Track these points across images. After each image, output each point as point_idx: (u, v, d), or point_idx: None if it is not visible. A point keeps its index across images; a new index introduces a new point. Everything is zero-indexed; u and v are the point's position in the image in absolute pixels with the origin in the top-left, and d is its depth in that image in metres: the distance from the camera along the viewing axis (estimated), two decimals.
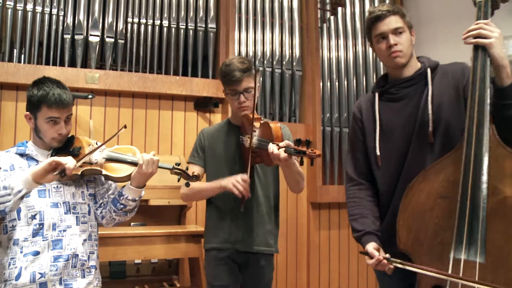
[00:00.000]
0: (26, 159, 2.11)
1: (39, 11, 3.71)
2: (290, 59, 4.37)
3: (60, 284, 2.00)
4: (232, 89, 2.49)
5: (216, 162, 2.58)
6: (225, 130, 2.65)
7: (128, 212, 2.16)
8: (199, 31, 4.07)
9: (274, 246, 2.61)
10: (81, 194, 2.13)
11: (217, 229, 2.57)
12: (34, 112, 2.07)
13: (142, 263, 3.61)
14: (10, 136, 3.59)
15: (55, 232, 2.02)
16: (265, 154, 2.32)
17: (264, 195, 2.59)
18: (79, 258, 2.04)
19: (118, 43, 3.86)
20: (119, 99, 3.86)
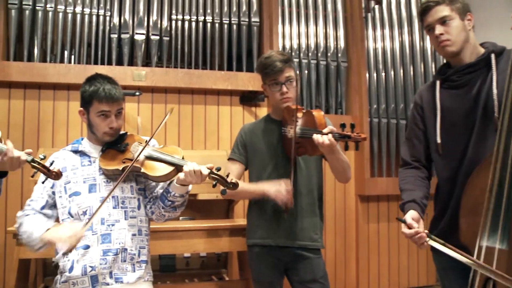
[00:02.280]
0: (79, 155, 2.17)
1: (87, 13, 3.82)
2: (335, 50, 4.31)
3: (111, 277, 2.04)
4: (273, 80, 2.47)
5: (259, 158, 2.56)
6: (266, 125, 2.63)
7: (177, 208, 2.16)
8: (242, 25, 4.08)
9: (319, 241, 2.55)
10: (130, 189, 2.16)
11: (258, 225, 2.55)
12: (87, 107, 2.14)
13: (191, 257, 3.65)
14: (63, 134, 3.71)
15: (104, 226, 2.06)
16: (309, 143, 2.28)
17: (307, 188, 2.55)
18: (128, 252, 2.07)
19: (163, 41, 3.92)
20: (165, 95, 3.92)
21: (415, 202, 2.02)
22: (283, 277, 2.60)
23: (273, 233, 2.50)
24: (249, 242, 2.61)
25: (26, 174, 3.53)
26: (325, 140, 2.11)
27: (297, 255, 2.50)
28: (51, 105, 3.73)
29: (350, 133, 2.07)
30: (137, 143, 2.17)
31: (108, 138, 2.16)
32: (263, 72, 2.51)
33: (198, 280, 3.52)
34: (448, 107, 2.06)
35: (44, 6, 3.74)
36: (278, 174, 2.51)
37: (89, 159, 2.16)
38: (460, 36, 2.01)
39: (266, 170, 2.53)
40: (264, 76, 2.53)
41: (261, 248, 2.54)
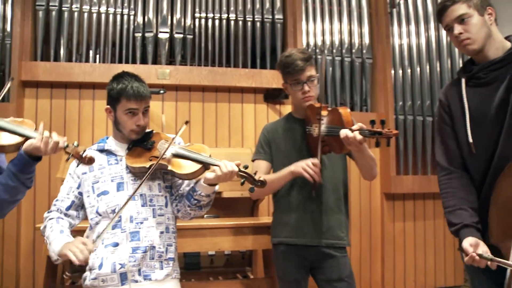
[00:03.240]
0: (105, 154, 2.18)
1: (112, 12, 3.87)
2: (359, 47, 4.26)
3: (139, 275, 2.04)
4: (295, 79, 2.44)
5: (283, 158, 2.53)
6: (289, 124, 2.60)
7: (202, 207, 2.15)
8: (266, 22, 4.07)
9: (345, 239, 2.52)
10: (157, 186, 2.16)
11: (284, 223, 2.52)
12: (114, 105, 2.13)
13: (215, 255, 3.65)
14: (88, 132, 3.76)
15: (132, 224, 2.06)
16: (335, 141, 2.25)
17: (332, 186, 2.52)
18: (156, 250, 2.08)
19: (186, 39, 3.94)
20: (189, 93, 3.93)
21: (467, 227, 1.93)
22: (308, 275, 2.57)
23: (299, 231, 2.47)
24: (274, 240, 2.59)
25: (53, 172, 3.58)
26: (355, 137, 2.08)
27: (323, 254, 2.48)
28: (77, 104, 3.78)
29: (381, 129, 2.04)
30: (163, 141, 2.17)
31: (134, 136, 2.16)
32: (284, 71, 2.48)
33: (223, 278, 3.51)
34: (476, 106, 1.99)
35: (69, 7, 3.80)
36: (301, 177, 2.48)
37: (115, 158, 2.17)
38: (481, 33, 1.95)
39: None
40: (285, 75, 2.50)
41: (287, 247, 2.51)
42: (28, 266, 3.62)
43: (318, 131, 2.33)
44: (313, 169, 2.28)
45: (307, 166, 2.29)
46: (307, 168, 2.29)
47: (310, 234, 2.46)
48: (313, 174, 2.28)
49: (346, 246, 2.54)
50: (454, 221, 1.97)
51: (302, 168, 2.30)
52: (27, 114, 3.70)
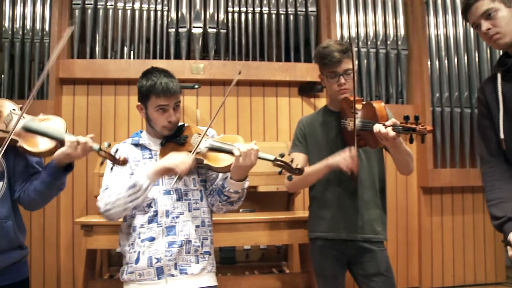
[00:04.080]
0: (140, 149, 2.18)
1: (145, 9, 3.91)
2: (394, 38, 4.18)
3: (176, 269, 2.04)
4: (331, 71, 2.40)
5: (318, 150, 2.49)
6: (324, 117, 2.56)
7: (233, 203, 2.13)
8: (299, 15, 4.03)
9: (382, 233, 2.47)
10: (192, 181, 2.16)
11: (321, 218, 2.48)
12: (144, 102, 2.12)
13: (251, 249, 3.65)
14: (124, 128, 3.81)
15: (168, 219, 2.06)
16: (370, 135, 2.21)
17: (369, 180, 2.47)
18: (192, 244, 2.07)
19: (220, 33, 3.94)
20: (223, 88, 3.94)
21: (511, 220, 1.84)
22: (346, 270, 2.54)
23: (336, 226, 2.44)
24: (311, 235, 2.56)
25: (90, 167, 3.64)
26: (388, 133, 2.04)
27: (361, 248, 2.44)
28: (112, 100, 3.84)
29: (415, 126, 1.98)
30: (196, 135, 2.15)
31: (167, 132, 2.15)
32: (321, 63, 2.44)
33: (258, 272, 3.51)
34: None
35: (104, 4, 3.85)
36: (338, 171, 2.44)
37: (150, 152, 2.17)
38: (510, 25, 1.86)
39: None
40: (321, 67, 2.46)
41: (324, 241, 2.48)
42: (67, 259, 3.71)
43: (352, 125, 2.29)
44: (351, 162, 2.24)
45: (344, 159, 2.26)
46: (344, 162, 2.25)
47: (347, 228, 2.43)
48: (351, 167, 2.24)
49: (383, 240, 2.50)
50: (498, 214, 1.89)
51: (339, 161, 2.27)
52: (65, 111, 3.78)
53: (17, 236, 1.96)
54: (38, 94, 3.73)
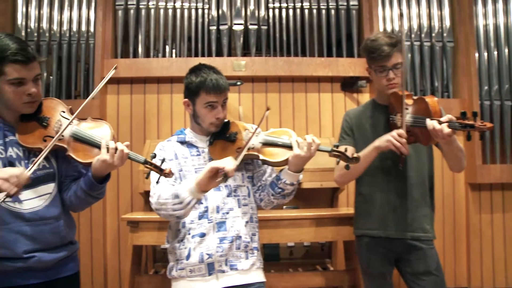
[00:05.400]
0: (186, 146, 2.18)
1: (186, 7, 3.94)
2: (440, 30, 4.06)
3: (226, 265, 2.04)
4: (380, 66, 2.35)
5: (365, 144, 2.43)
6: (372, 111, 2.52)
7: (286, 196, 2.13)
8: (340, 10, 3.98)
9: (430, 232, 2.43)
10: (241, 177, 2.15)
11: (367, 215, 2.45)
12: (193, 98, 2.13)
13: (295, 246, 3.63)
14: (167, 126, 3.85)
15: (219, 214, 2.06)
16: (421, 132, 2.16)
17: (418, 177, 2.41)
18: (242, 240, 2.07)
19: (261, 30, 3.93)
20: (265, 84, 3.93)
21: None
22: (393, 268, 2.49)
23: (383, 223, 2.39)
24: (357, 232, 2.52)
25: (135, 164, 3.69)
26: (443, 129, 1.97)
27: (409, 246, 2.39)
28: (155, 98, 3.89)
29: (473, 122, 1.91)
30: (248, 131, 2.16)
31: (213, 128, 2.16)
32: (369, 56, 2.39)
33: (302, 269, 3.48)
34: None
35: (146, 4, 3.91)
36: (385, 164, 2.39)
37: (197, 150, 2.17)
38: None
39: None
40: (369, 60, 2.41)
41: (371, 239, 2.44)
42: (114, 254, 3.78)
43: (402, 121, 2.23)
44: (399, 140, 2.18)
45: (392, 138, 2.20)
46: (392, 140, 2.20)
47: (395, 226, 2.38)
48: (400, 146, 2.19)
49: (432, 239, 2.43)
50: None
51: (387, 140, 2.22)
52: (110, 110, 3.85)
53: (68, 233, 2.00)
54: (84, 94, 3.83)
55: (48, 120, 1.97)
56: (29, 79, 1.85)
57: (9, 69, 1.81)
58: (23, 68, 1.83)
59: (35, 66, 1.87)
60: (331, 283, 3.20)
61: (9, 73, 1.81)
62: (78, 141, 1.94)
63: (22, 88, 1.85)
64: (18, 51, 1.80)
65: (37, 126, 1.95)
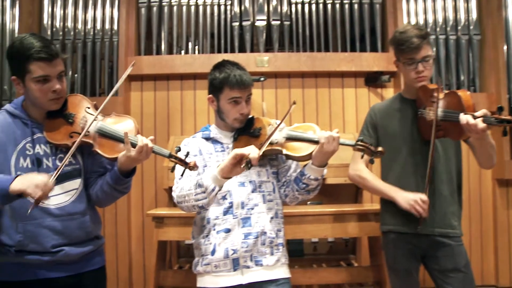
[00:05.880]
0: (211, 142, 2.19)
1: (209, 4, 3.95)
2: (466, 23, 3.97)
3: (251, 260, 2.04)
4: (409, 58, 2.31)
5: (391, 140, 2.41)
6: (399, 105, 2.47)
7: (310, 191, 2.12)
8: (364, 4, 3.93)
9: (458, 228, 2.38)
10: (265, 173, 2.15)
11: (393, 211, 2.40)
12: (217, 94, 2.14)
13: (319, 242, 3.61)
14: (191, 122, 3.87)
15: (244, 210, 2.06)
16: (453, 127, 2.12)
17: (445, 173, 2.37)
18: (267, 236, 2.07)
19: (284, 25, 3.91)
20: (288, 80, 3.92)
21: None
22: (420, 264, 2.45)
23: (410, 220, 2.35)
24: (383, 228, 2.49)
25: (159, 160, 3.72)
26: (477, 124, 1.93)
27: (436, 242, 2.35)
28: (179, 95, 3.92)
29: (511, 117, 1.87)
30: (272, 127, 2.15)
31: (238, 124, 2.16)
32: (398, 49, 2.34)
33: (326, 265, 3.47)
34: None
35: (169, 1, 3.93)
36: (414, 161, 2.36)
37: (221, 146, 2.18)
38: None
39: (400, 155, 2.39)
40: (398, 53, 2.37)
41: (397, 235, 2.41)
42: (138, 249, 3.82)
43: (432, 115, 2.19)
44: (422, 206, 2.22)
45: (415, 203, 2.23)
46: (415, 205, 2.23)
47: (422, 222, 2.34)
48: (422, 212, 2.22)
49: (460, 235, 2.39)
50: None
51: (409, 204, 2.25)
52: (133, 107, 3.89)
53: (93, 228, 2.04)
54: (108, 91, 3.87)
55: (73, 116, 2.00)
56: (53, 76, 1.89)
57: (34, 67, 1.85)
58: (47, 66, 1.86)
59: (58, 63, 1.91)
60: (355, 279, 3.17)
61: (34, 71, 1.86)
62: (103, 137, 1.96)
63: (47, 85, 1.89)
64: (41, 49, 1.84)
65: (63, 122, 1.98)
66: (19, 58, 1.87)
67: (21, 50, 1.86)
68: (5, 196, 1.72)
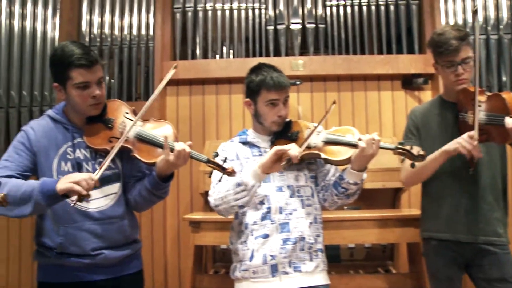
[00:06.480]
0: (248, 146, 2.18)
1: (243, 8, 3.96)
2: (508, 21, 3.84)
3: (290, 266, 2.02)
4: (448, 61, 2.24)
5: (432, 144, 2.32)
6: (439, 108, 2.39)
7: (350, 196, 2.08)
8: (400, 5, 3.87)
9: (504, 236, 2.27)
10: (303, 177, 2.13)
11: (435, 217, 2.33)
12: (254, 97, 2.14)
13: (355, 248, 3.55)
14: (226, 126, 3.88)
15: (282, 215, 2.04)
16: (496, 130, 2.04)
17: (489, 177, 2.27)
18: (306, 241, 2.04)
19: (319, 28, 3.89)
20: (324, 83, 3.88)
21: None
22: (463, 273, 2.36)
23: (453, 226, 2.26)
24: (424, 234, 2.42)
25: (195, 164, 3.73)
26: None
27: (480, 250, 2.25)
28: (214, 99, 3.93)
29: None
30: (309, 130, 2.12)
31: (276, 127, 2.15)
32: (436, 51, 2.28)
33: (364, 271, 3.40)
34: None
35: (204, 6, 3.95)
36: (454, 165, 2.27)
37: (258, 150, 2.16)
38: None
39: None
40: (436, 55, 2.30)
41: (439, 242, 2.33)
42: (173, 253, 3.84)
43: (474, 119, 2.11)
44: (471, 142, 2.06)
45: (463, 140, 2.08)
46: (463, 142, 2.08)
47: (465, 230, 2.25)
48: (471, 149, 2.07)
49: (507, 243, 2.28)
50: None
51: (457, 143, 2.10)
52: (169, 111, 3.93)
53: (132, 232, 2.07)
54: (144, 96, 3.92)
55: (113, 121, 2.02)
56: (93, 82, 1.92)
57: (74, 74, 1.89)
58: (87, 72, 1.90)
59: (98, 69, 1.94)
60: (393, 286, 3.10)
61: (74, 78, 1.89)
62: (142, 142, 1.98)
63: (87, 91, 1.92)
64: (81, 56, 1.88)
65: (103, 127, 2.01)
66: (61, 65, 1.91)
67: (63, 58, 1.90)
68: (52, 196, 1.75)
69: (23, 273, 3.82)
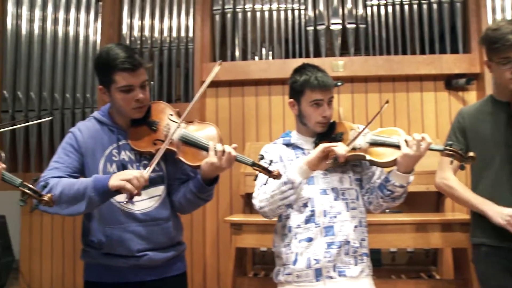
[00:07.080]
0: (292, 148, 2.16)
1: (283, 9, 3.95)
2: None
3: (334, 271, 1.99)
4: (503, 57, 2.13)
5: (482, 147, 2.24)
6: (490, 108, 2.30)
7: (395, 199, 2.03)
8: (443, 3, 3.76)
9: None
10: (348, 179, 2.09)
11: (486, 222, 2.20)
12: (298, 97, 2.12)
13: (397, 252, 3.47)
14: (266, 128, 3.87)
15: (326, 218, 2.01)
16: None
17: None
18: (351, 245, 2.01)
19: (359, 28, 3.83)
20: (365, 84, 3.82)
21: None
22: None
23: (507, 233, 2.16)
24: (474, 240, 2.32)
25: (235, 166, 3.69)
26: None
27: None
28: (254, 101, 3.92)
29: None
30: (354, 132, 2.09)
31: (320, 128, 2.12)
32: (490, 47, 2.18)
33: (406, 276, 3.33)
34: None
35: (243, 7, 3.95)
36: (509, 169, 2.19)
37: (302, 151, 2.14)
38: None
39: (492, 162, 2.21)
40: (490, 52, 2.20)
41: (490, 248, 2.23)
42: (213, 256, 3.85)
43: None
44: None
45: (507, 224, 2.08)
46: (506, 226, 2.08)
47: None
48: None
49: None
50: None
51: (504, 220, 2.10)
52: (209, 113, 3.94)
53: (176, 234, 2.09)
54: (184, 97, 3.95)
55: (157, 124, 2.03)
56: (136, 86, 1.93)
57: (118, 77, 1.91)
58: (131, 76, 1.91)
59: (141, 73, 1.95)
60: None
61: (118, 81, 1.91)
62: (186, 144, 1.98)
63: (130, 94, 1.93)
64: (125, 59, 1.89)
65: (147, 130, 2.02)
66: (105, 68, 1.93)
67: (107, 61, 1.92)
68: (106, 192, 1.78)
69: (66, 269, 3.93)
